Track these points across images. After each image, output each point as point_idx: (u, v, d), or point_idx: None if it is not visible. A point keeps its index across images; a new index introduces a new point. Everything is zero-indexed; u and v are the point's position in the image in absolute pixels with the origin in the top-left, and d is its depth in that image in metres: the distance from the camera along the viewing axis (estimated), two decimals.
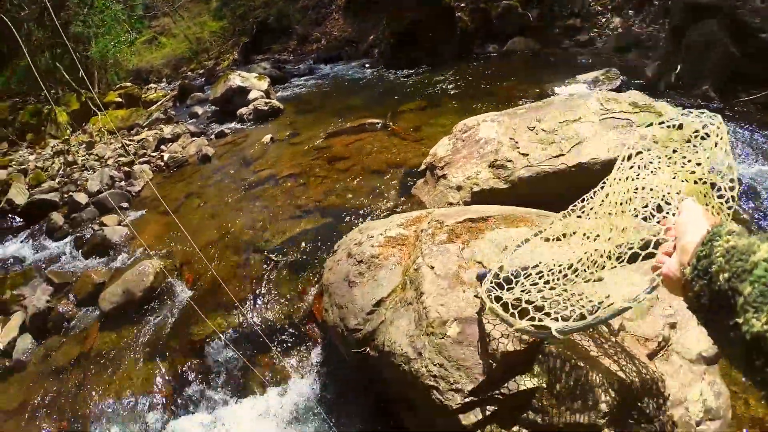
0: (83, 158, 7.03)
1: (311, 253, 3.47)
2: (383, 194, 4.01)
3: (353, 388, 2.56)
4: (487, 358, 1.71)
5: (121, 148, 7.14)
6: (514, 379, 1.67)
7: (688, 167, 1.08)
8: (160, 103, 10.27)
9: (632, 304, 1.03)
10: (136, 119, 8.78)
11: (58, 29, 7.86)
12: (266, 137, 6.20)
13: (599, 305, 1.24)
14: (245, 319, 3.15)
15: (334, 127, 5.96)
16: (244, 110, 7.61)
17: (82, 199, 5.50)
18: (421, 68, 8.53)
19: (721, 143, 1.01)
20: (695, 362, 1.69)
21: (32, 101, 9.67)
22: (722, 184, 0.98)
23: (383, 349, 2.02)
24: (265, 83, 8.21)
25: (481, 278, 1.80)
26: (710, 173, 1.02)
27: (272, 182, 4.85)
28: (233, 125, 7.55)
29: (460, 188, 3.34)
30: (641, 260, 1.05)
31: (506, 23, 8.93)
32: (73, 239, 4.86)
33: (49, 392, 3.25)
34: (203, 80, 12.45)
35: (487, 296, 1.63)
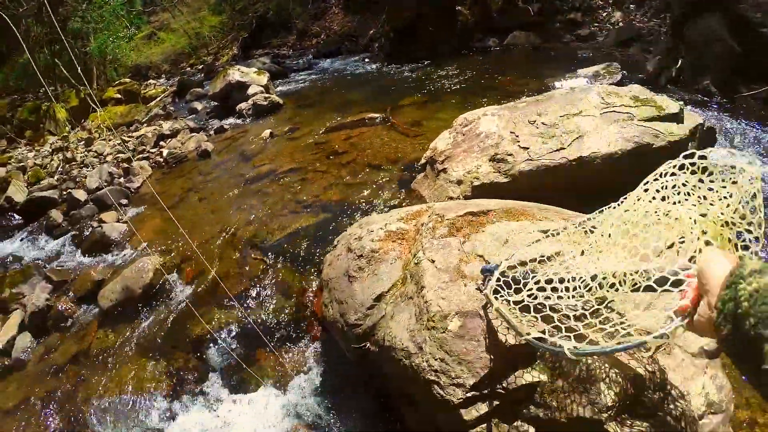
0: (82, 155, 7.01)
1: (311, 248, 3.46)
2: (383, 189, 3.99)
3: (353, 383, 2.54)
4: (488, 352, 1.69)
5: (120, 144, 7.12)
6: (516, 373, 1.66)
7: (717, 208, 1.04)
8: (159, 99, 10.25)
9: (649, 339, 0.99)
10: (135, 115, 8.77)
11: (56, 25, 7.83)
12: (266, 132, 6.18)
13: (615, 332, 1.17)
14: (244, 315, 3.14)
15: (333, 121, 5.94)
16: (243, 105, 7.58)
17: (81, 196, 5.48)
18: (421, 63, 8.49)
19: (758, 195, 0.99)
20: (697, 356, 1.68)
21: (31, 98, 9.66)
22: (749, 236, 0.96)
23: (384, 344, 2.00)
24: (264, 78, 8.17)
25: (485, 272, 1.78)
26: (738, 221, 1.00)
27: (272, 177, 4.83)
28: (232, 120, 7.53)
29: (460, 182, 3.32)
30: (659, 293, 1.02)
31: (507, 17, 8.90)
32: (72, 236, 4.84)
33: (48, 391, 3.24)
34: (202, 76, 12.40)
35: (493, 295, 1.60)
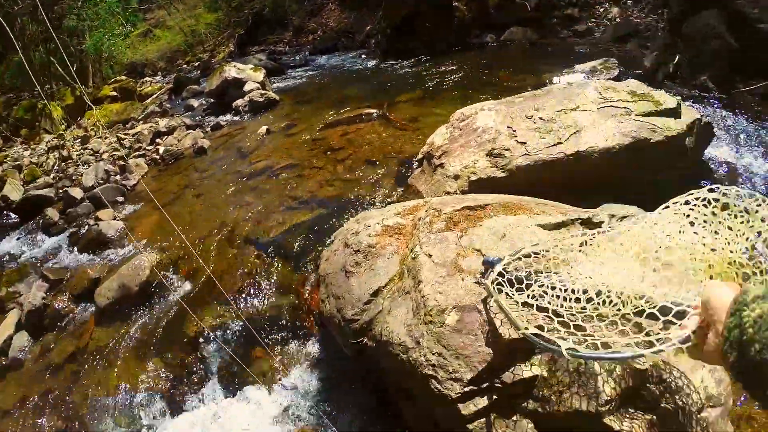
0: (78, 153, 6.98)
1: (308, 244, 3.44)
2: (380, 184, 3.97)
3: (351, 379, 2.54)
4: (486, 346, 1.68)
5: (116, 142, 7.09)
6: (514, 367, 1.65)
7: (727, 250, 1.03)
8: (155, 96, 10.21)
9: (647, 353, 0.99)
10: (131, 113, 8.74)
11: (49, 23, 7.79)
12: (262, 129, 6.16)
13: (614, 342, 1.16)
14: (241, 312, 3.13)
15: (330, 118, 5.91)
16: (240, 102, 7.54)
17: (77, 194, 5.46)
18: (417, 58, 8.45)
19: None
20: None
21: (26, 97, 9.61)
22: (754, 279, 0.95)
23: (381, 338, 1.99)
24: (260, 75, 8.14)
25: (486, 264, 1.74)
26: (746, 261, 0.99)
27: (268, 174, 4.81)
28: (229, 117, 7.50)
29: (457, 177, 3.31)
30: (661, 323, 1.01)
31: (504, 13, 8.84)
32: (68, 235, 4.82)
33: (46, 390, 3.24)
34: (199, 73, 12.35)
35: (494, 287, 1.57)
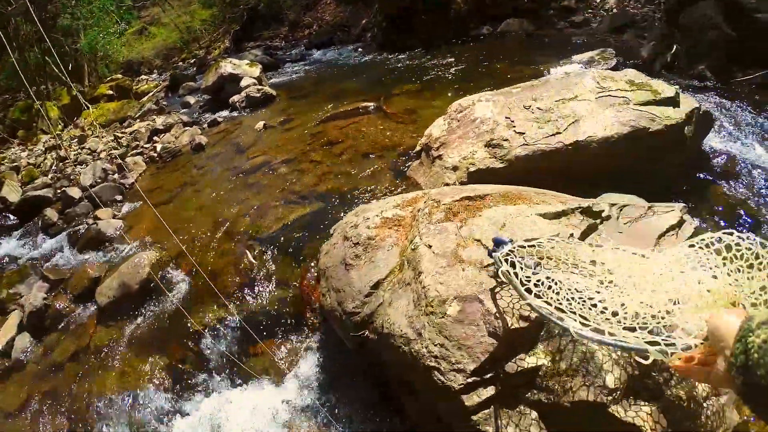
0: (75, 152, 6.95)
1: (307, 238, 3.43)
2: (378, 177, 3.95)
3: (352, 372, 2.53)
4: (489, 336, 1.67)
5: (113, 140, 7.06)
6: (517, 357, 1.63)
7: (733, 290, 1.02)
8: (151, 94, 10.17)
9: (652, 350, 0.97)
10: (127, 111, 8.70)
11: (43, 23, 7.73)
12: (259, 124, 6.13)
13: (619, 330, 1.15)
14: (241, 308, 3.12)
15: (327, 111, 5.87)
16: (236, 98, 7.50)
17: (75, 193, 5.44)
18: (414, 51, 8.40)
19: None
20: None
21: (22, 97, 9.55)
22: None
23: (382, 331, 1.98)
24: (257, 70, 8.09)
25: (497, 244, 1.66)
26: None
27: (267, 169, 4.78)
28: (226, 113, 7.46)
29: (456, 168, 3.29)
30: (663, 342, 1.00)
31: (500, 4, 8.78)
32: (67, 235, 4.80)
33: (48, 390, 3.23)
34: (195, 69, 12.27)
35: (503, 258, 1.52)
